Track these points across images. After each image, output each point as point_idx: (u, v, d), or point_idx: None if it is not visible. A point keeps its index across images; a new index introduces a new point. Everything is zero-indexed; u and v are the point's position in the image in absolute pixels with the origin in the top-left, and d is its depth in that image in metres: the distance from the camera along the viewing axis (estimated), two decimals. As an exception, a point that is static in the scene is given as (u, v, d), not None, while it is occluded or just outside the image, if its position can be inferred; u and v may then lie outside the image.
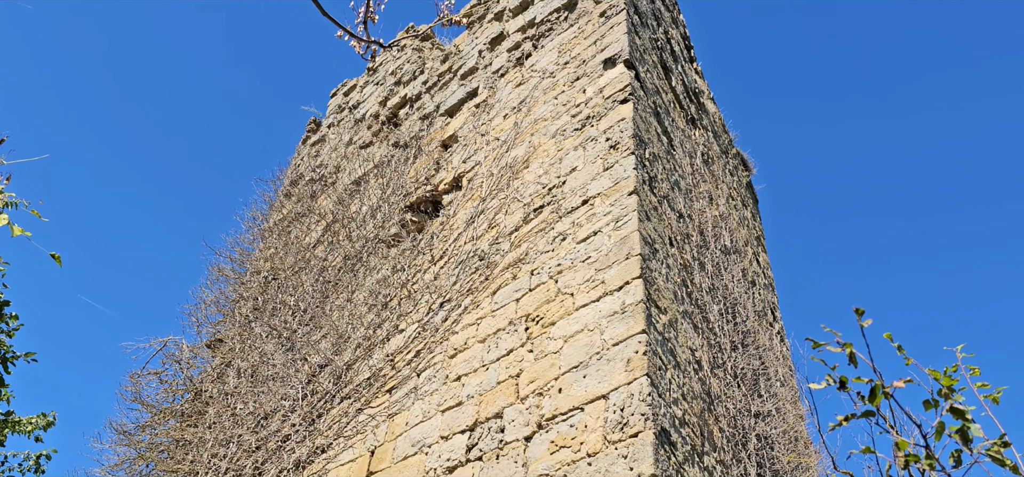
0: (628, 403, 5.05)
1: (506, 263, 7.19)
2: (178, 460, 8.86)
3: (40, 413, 4.75)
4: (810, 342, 2.18)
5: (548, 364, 5.83)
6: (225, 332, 10.31)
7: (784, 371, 10.12)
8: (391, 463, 6.45)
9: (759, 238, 12.28)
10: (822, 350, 2.20)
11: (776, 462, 7.55)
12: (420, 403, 6.68)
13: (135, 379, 9.77)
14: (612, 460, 4.86)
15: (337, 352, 8.13)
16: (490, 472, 5.54)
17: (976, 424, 2.01)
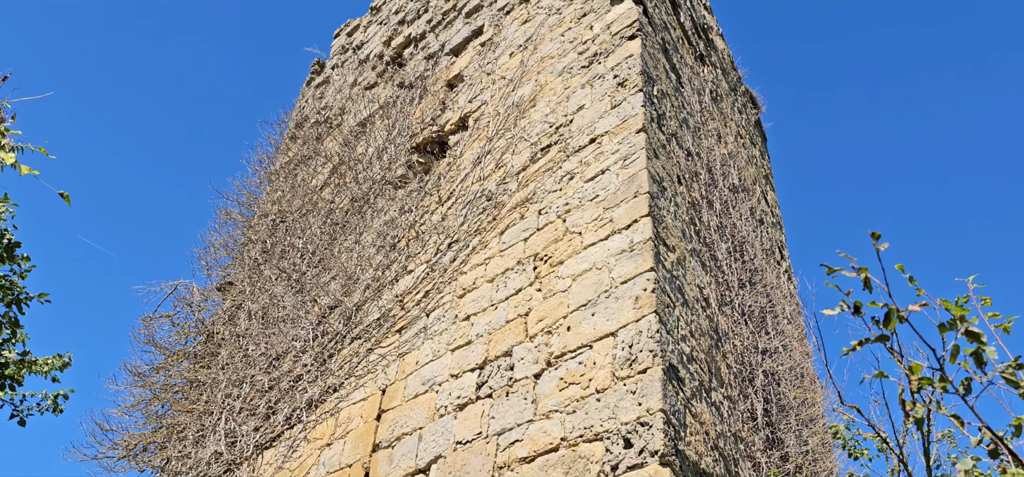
0: (636, 340, 5.08)
1: (513, 203, 7.17)
2: (193, 400, 9.02)
3: (56, 354, 4.81)
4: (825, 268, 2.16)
5: (556, 303, 5.85)
6: (235, 275, 10.38)
7: (791, 309, 10.16)
8: (402, 401, 6.54)
9: (767, 177, 12.20)
10: (836, 276, 2.18)
11: (783, 398, 7.63)
12: (430, 342, 6.74)
13: (148, 322, 9.88)
14: (620, 396, 4.92)
15: (346, 293, 8.19)
16: (500, 409, 5.62)
17: (990, 347, 2.00)
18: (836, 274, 2.17)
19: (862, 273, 2.10)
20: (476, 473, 5.43)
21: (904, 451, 4.98)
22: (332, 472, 6.67)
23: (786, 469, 6.64)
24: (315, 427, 7.28)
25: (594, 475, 4.73)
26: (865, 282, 2.10)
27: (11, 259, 4.33)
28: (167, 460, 8.94)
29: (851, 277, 2.11)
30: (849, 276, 2.13)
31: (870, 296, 2.11)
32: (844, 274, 2.13)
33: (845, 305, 2.14)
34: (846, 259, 2.13)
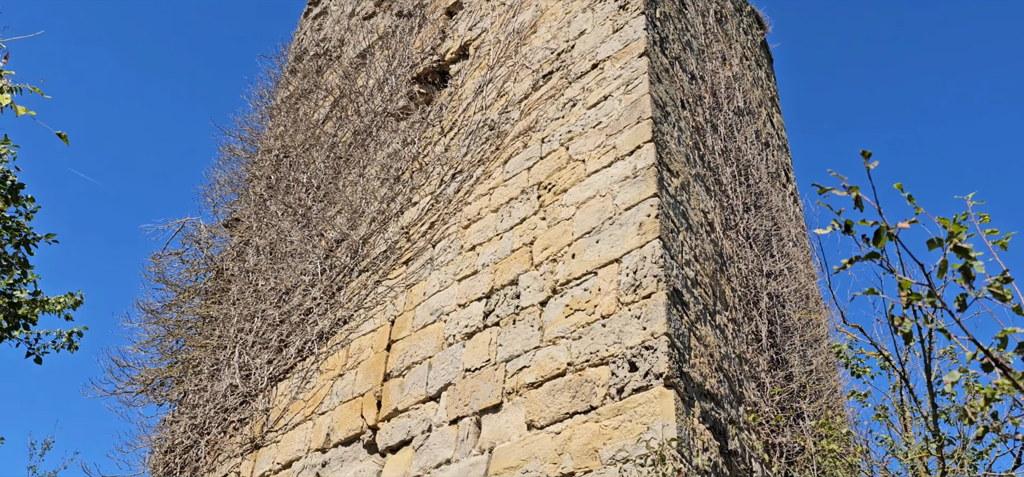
0: (641, 266, 5.12)
1: (516, 132, 7.14)
2: (206, 336, 9.18)
3: (67, 293, 4.89)
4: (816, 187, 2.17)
5: (561, 231, 5.88)
6: (241, 211, 10.43)
7: (796, 231, 10.17)
8: (411, 331, 6.65)
9: (773, 98, 12.06)
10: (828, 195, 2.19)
11: (787, 319, 7.71)
12: (436, 273, 6.81)
13: (157, 260, 9.98)
14: (625, 321, 4.98)
15: (352, 227, 8.24)
16: (507, 337, 5.71)
17: (979, 261, 2.01)
18: (828, 193, 2.17)
19: (853, 192, 2.11)
20: (485, 399, 5.55)
21: (906, 368, 5.06)
22: (345, 401, 6.83)
23: (790, 388, 6.75)
24: (327, 358, 7.42)
25: (600, 398, 4.83)
26: (856, 201, 2.10)
27: (16, 200, 4.37)
28: (184, 394, 9.15)
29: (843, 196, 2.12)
30: (841, 195, 2.13)
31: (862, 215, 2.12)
32: (836, 193, 2.14)
33: (836, 224, 2.15)
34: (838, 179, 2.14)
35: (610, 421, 4.70)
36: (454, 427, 5.67)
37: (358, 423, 6.52)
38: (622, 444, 4.55)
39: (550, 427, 5.02)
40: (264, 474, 7.27)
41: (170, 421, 9.09)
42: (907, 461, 4.90)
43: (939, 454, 4.62)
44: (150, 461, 9.00)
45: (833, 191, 2.15)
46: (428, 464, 5.68)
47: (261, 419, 7.72)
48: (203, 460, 8.14)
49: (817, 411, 6.59)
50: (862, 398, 5.27)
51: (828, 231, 2.13)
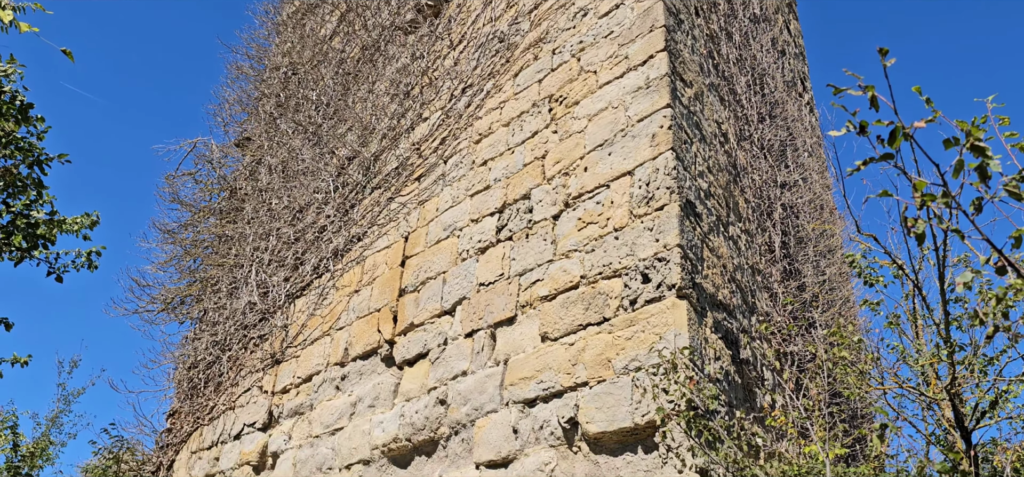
0: (653, 178, 5.08)
1: (527, 44, 7.00)
2: (223, 255, 9.29)
3: (84, 213, 4.94)
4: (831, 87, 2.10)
5: (573, 144, 5.83)
6: (251, 130, 10.40)
7: (812, 141, 10.03)
8: (425, 247, 6.69)
9: (790, 4, 11.71)
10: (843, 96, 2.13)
11: (801, 230, 7.69)
12: (449, 189, 6.81)
13: (171, 180, 10.03)
14: (638, 233, 4.98)
15: (363, 143, 8.20)
16: (520, 251, 5.73)
17: (995, 159, 1.96)
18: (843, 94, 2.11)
19: (868, 91, 2.04)
20: (499, 312, 5.62)
21: (919, 277, 5.05)
22: (362, 317, 6.94)
23: (802, 298, 6.78)
24: (342, 275, 7.51)
25: (613, 310, 4.88)
26: (872, 100, 2.04)
27: (26, 120, 4.36)
28: (204, 312, 9.33)
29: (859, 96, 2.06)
30: (856, 95, 2.07)
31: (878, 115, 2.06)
32: (851, 93, 2.08)
33: (851, 125, 2.09)
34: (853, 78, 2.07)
35: (623, 332, 4.75)
36: (469, 340, 5.77)
37: (375, 338, 6.64)
38: (635, 354, 4.61)
39: (564, 339, 5.09)
40: (285, 387, 7.46)
41: (192, 338, 9.30)
42: (918, 367, 4.95)
43: (950, 360, 4.66)
44: (174, 377, 9.25)
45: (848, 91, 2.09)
46: (444, 376, 5.81)
47: (280, 335, 7.88)
48: (226, 375, 8.36)
49: (829, 320, 6.63)
50: (874, 307, 5.29)
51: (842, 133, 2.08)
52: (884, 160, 2.07)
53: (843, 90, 2.11)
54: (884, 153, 2.07)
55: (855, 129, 2.06)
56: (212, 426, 8.26)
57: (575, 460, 4.68)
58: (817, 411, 4.80)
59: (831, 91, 2.06)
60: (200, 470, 8.13)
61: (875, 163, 2.06)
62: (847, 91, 2.09)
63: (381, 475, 5.98)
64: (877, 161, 2.08)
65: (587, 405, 4.72)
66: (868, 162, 2.10)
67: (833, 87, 2.09)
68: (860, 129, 2.05)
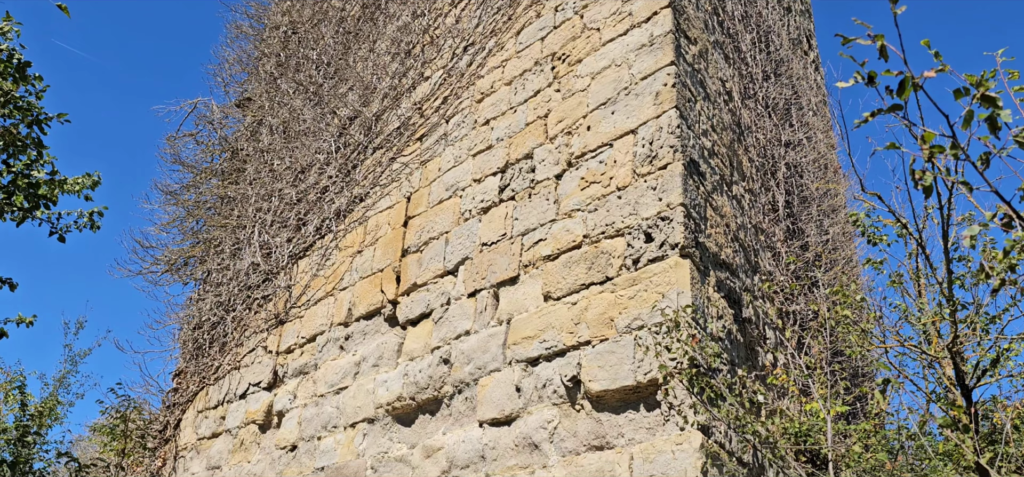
0: (657, 136, 5.05)
1: (529, 0, 6.91)
2: (225, 216, 9.29)
3: (85, 174, 4.92)
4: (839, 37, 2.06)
5: (576, 102, 5.78)
6: (252, 90, 10.33)
7: (817, 100, 9.95)
8: (427, 207, 6.68)
9: (798, -40, 11.52)
10: (851, 46, 2.08)
11: (805, 189, 7.66)
12: (451, 149, 6.77)
13: (172, 141, 10.00)
14: (641, 192, 4.96)
15: (365, 103, 8.15)
16: (523, 210, 5.72)
17: (1006, 110, 1.93)
18: (852, 44, 2.06)
19: (878, 41, 1.99)
20: (502, 272, 5.62)
21: (923, 235, 5.03)
22: (365, 277, 6.96)
23: (805, 258, 6.78)
24: (345, 236, 7.51)
25: (616, 269, 4.88)
26: (880, 50, 2.00)
27: (24, 79, 4.33)
28: (208, 273, 9.36)
29: (867, 45, 2.01)
30: (865, 45, 2.02)
31: (886, 66, 2.02)
32: (860, 43, 2.03)
33: (859, 76, 2.05)
34: (863, 27, 2.03)
35: (626, 291, 4.76)
36: (472, 300, 5.78)
37: (378, 298, 6.66)
38: (637, 313, 4.62)
39: (566, 298, 5.09)
40: (289, 348, 7.51)
41: (196, 299, 9.34)
42: (920, 326, 4.96)
43: (952, 319, 4.66)
44: (180, 337, 9.31)
45: (857, 40, 2.05)
46: (448, 335, 5.83)
47: (284, 296, 7.91)
48: (230, 335, 8.41)
49: (832, 280, 6.63)
50: (878, 265, 5.28)
51: (850, 84, 2.05)
52: (893, 111, 2.04)
53: (852, 40, 2.07)
54: (893, 104, 2.03)
55: (864, 80, 2.02)
56: (218, 386, 8.34)
57: (578, 418, 4.72)
58: (819, 369, 4.83)
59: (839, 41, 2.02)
60: (207, 429, 8.23)
61: (883, 114, 2.03)
62: (856, 41, 2.05)
63: (385, 433, 6.04)
64: (886, 112, 2.05)
65: (590, 364, 4.74)
66: (876, 113, 2.07)
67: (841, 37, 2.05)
68: (869, 79, 2.01)
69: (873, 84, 2.01)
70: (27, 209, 4.76)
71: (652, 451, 4.26)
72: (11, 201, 4.59)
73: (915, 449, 5.14)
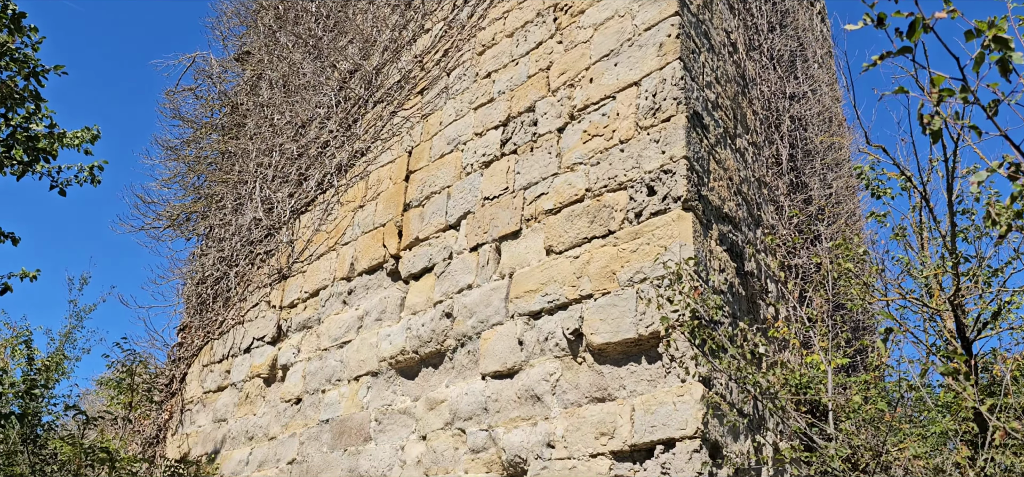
0: (660, 88, 4.99)
1: (532, -50, 6.78)
2: (226, 171, 9.26)
3: (84, 127, 4.89)
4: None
5: (578, 54, 5.71)
6: (251, 44, 10.22)
7: (822, 52, 9.83)
8: (429, 162, 6.65)
9: (805, -92, 11.29)
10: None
11: (809, 142, 7.61)
12: (452, 102, 6.71)
13: (171, 96, 9.92)
14: (644, 145, 4.92)
15: (365, 57, 8.06)
16: (525, 164, 5.69)
17: (1018, 52, 1.89)
18: (860, -16, 2.02)
19: (887, -19, 1.96)
20: (504, 226, 5.61)
21: (927, 188, 5.01)
22: (367, 232, 6.96)
23: (808, 211, 6.76)
24: (347, 191, 7.49)
25: (618, 222, 4.86)
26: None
27: (19, 31, 4.26)
28: (210, 228, 9.36)
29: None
30: (873, -15, 1.98)
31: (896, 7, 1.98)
32: (868, -19, 1.99)
33: (868, 18, 2.01)
34: (872, -34, 1.98)
35: (628, 244, 4.75)
36: (474, 254, 5.79)
37: (380, 252, 6.67)
38: (639, 266, 4.62)
39: (568, 252, 5.09)
40: (293, 302, 7.54)
41: (199, 254, 9.36)
42: (922, 279, 4.96)
43: (954, 271, 4.66)
44: (183, 292, 9.35)
45: (867, -19, 2.00)
46: (450, 290, 5.85)
47: (286, 251, 7.92)
48: (234, 290, 8.44)
49: (835, 233, 6.62)
50: (881, 218, 5.26)
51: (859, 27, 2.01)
52: (903, 53, 2.00)
53: (862, -20, 2.02)
54: (902, 46, 2.00)
55: (873, 22, 1.98)
56: (222, 340, 8.40)
57: (579, 371, 4.75)
58: (820, 322, 4.84)
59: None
60: (212, 382, 8.31)
61: (892, 57, 1.99)
62: (866, -18, 2.00)
63: (389, 386, 6.10)
64: (895, 55, 2.01)
65: (592, 317, 4.76)
66: (885, 56, 2.03)
67: (852, -25, 2.00)
68: (878, 21, 1.97)
69: (882, 26, 1.97)
70: (27, 163, 4.73)
71: (653, 403, 4.30)
72: (10, 155, 4.57)
73: (914, 400, 5.18)
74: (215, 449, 7.81)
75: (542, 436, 4.78)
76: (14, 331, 8.45)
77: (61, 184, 4.99)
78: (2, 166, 4.70)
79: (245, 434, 7.50)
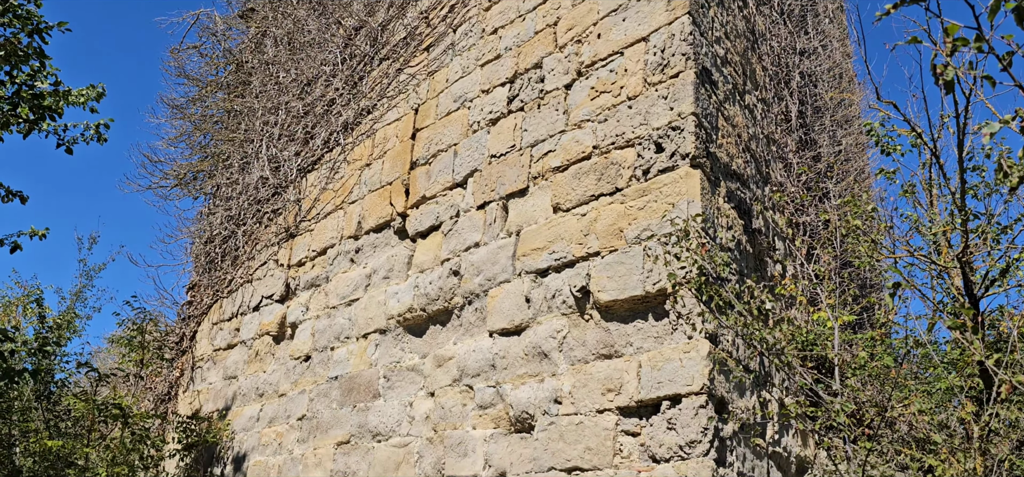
0: (668, 44, 4.93)
1: (538, -97, 6.66)
2: (232, 129, 9.24)
3: (89, 85, 4.86)
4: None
5: (586, 9, 5.64)
6: (255, 0, 10.12)
7: (834, 7, 9.67)
8: (435, 119, 6.61)
9: None
10: None
11: (818, 99, 7.53)
12: (458, 59, 6.65)
13: (176, 54, 9.86)
14: (652, 102, 4.88)
15: (370, 13, 7.98)
16: (532, 121, 5.65)
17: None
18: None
19: (901, -73, 1.91)
20: (511, 184, 5.60)
21: (937, 145, 4.96)
22: (374, 190, 6.95)
23: (817, 169, 6.71)
24: (353, 149, 7.47)
25: (625, 180, 4.85)
26: (904, -64, 1.92)
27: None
28: (217, 187, 9.37)
29: (894, -72, 1.93)
30: (892, -71, 1.94)
31: (914, -49, 1.94)
32: (883, -68, 1.94)
33: (884, -40, 1.98)
34: (885, -90, 1.93)
35: (635, 202, 4.74)
36: (481, 212, 5.78)
37: (387, 211, 6.67)
38: (647, 223, 4.62)
39: (576, 209, 5.09)
40: (301, 261, 7.58)
41: (206, 213, 9.39)
42: (930, 236, 4.94)
43: (963, 228, 4.63)
44: (192, 251, 9.40)
45: (883, -73, 1.95)
46: (457, 247, 5.86)
47: (293, 209, 7.93)
48: (242, 249, 8.48)
49: (843, 191, 6.58)
50: (890, 175, 5.23)
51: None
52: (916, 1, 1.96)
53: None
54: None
55: (888, -33, 1.95)
56: (231, 298, 8.46)
57: (586, 328, 4.77)
58: (827, 279, 4.84)
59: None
60: (222, 340, 8.39)
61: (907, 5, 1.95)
62: (883, -75, 1.95)
63: (397, 343, 6.15)
64: (909, 3, 1.97)
65: (599, 274, 4.76)
66: (899, 4, 1.99)
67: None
68: (892, -28, 1.93)
69: (897, -31, 1.93)
70: (32, 121, 4.72)
71: (660, 359, 4.32)
72: (16, 112, 4.56)
73: (920, 357, 5.20)
74: (226, 405, 7.92)
75: (549, 392, 4.83)
76: (25, 290, 8.53)
77: (67, 142, 4.99)
78: (8, 124, 4.69)
79: (255, 391, 7.59)
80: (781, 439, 4.90)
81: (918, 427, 4.59)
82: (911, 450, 4.35)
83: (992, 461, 3.91)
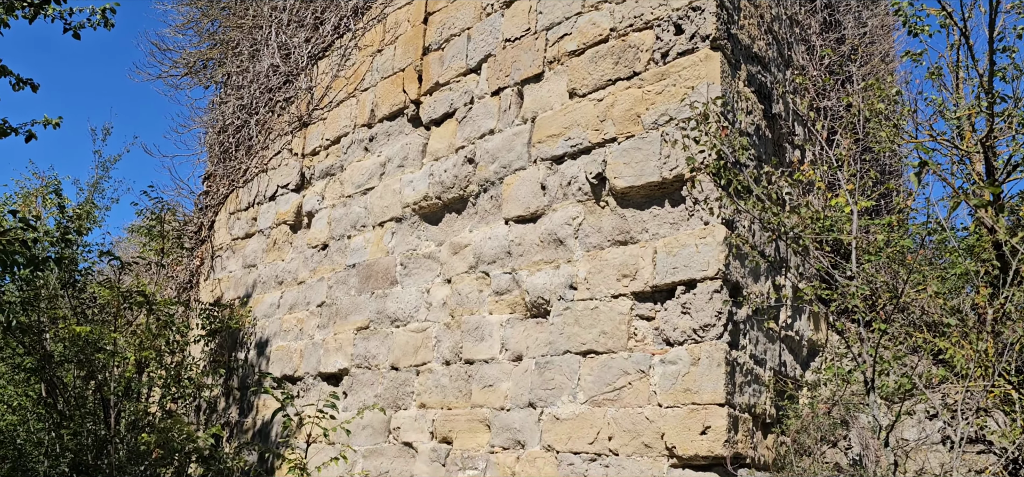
0: (691, -82, 4.70)
1: None
2: (240, 16, 9.05)
3: (93, -33, 4.74)
4: None
5: None
6: None
7: None
8: (448, 2, 6.43)
9: None
10: None
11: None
12: (470, -62, 6.41)
13: (179, -63, 9.56)
14: (672, -20, 4.70)
15: None
16: (548, 3, 5.49)
17: None
18: None
19: None
20: (526, 69, 5.49)
21: (968, 25, 4.78)
22: (386, 77, 6.85)
23: (841, 51, 6.52)
24: (364, 34, 7.31)
25: (643, 63, 4.73)
26: None
27: None
28: (228, 76, 9.26)
29: None
30: None
31: None
32: None
33: None
34: None
35: (653, 86, 4.64)
36: (496, 98, 5.70)
37: (400, 98, 6.59)
38: (665, 108, 4.54)
39: (592, 94, 5.00)
40: (315, 150, 7.55)
41: (219, 102, 9.32)
42: (954, 120, 4.83)
43: (990, 111, 4.52)
44: (206, 141, 9.39)
45: None
46: (472, 135, 5.81)
47: (305, 97, 7.85)
48: (255, 138, 8.46)
49: (867, 74, 6.41)
50: (916, 57, 5.07)
51: None
52: None
53: None
54: None
55: None
56: (247, 188, 8.50)
57: (602, 214, 4.77)
58: (847, 164, 4.77)
59: None
60: (239, 229, 8.49)
61: None
62: None
63: (413, 231, 6.19)
64: None
65: (615, 160, 4.72)
66: None
67: None
68: None
69: None
70: (38, 4, 4.64)
71: (676, 245, 4.33)
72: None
73: (937, 243, 5.18)
74: (247, 293, 8.09)
75: (565, 278, 4.88)
76: (43, 180, 8.60)
77: (74, 27, 4.90)
78: (13, 8, 4.61)
79: (275, 278, 7.73)
80: (794, 323, 4.96)
81: (931, 312, 4.62)
82: (924, 334, 4.40)
83: (1003, 344, 3.95)
